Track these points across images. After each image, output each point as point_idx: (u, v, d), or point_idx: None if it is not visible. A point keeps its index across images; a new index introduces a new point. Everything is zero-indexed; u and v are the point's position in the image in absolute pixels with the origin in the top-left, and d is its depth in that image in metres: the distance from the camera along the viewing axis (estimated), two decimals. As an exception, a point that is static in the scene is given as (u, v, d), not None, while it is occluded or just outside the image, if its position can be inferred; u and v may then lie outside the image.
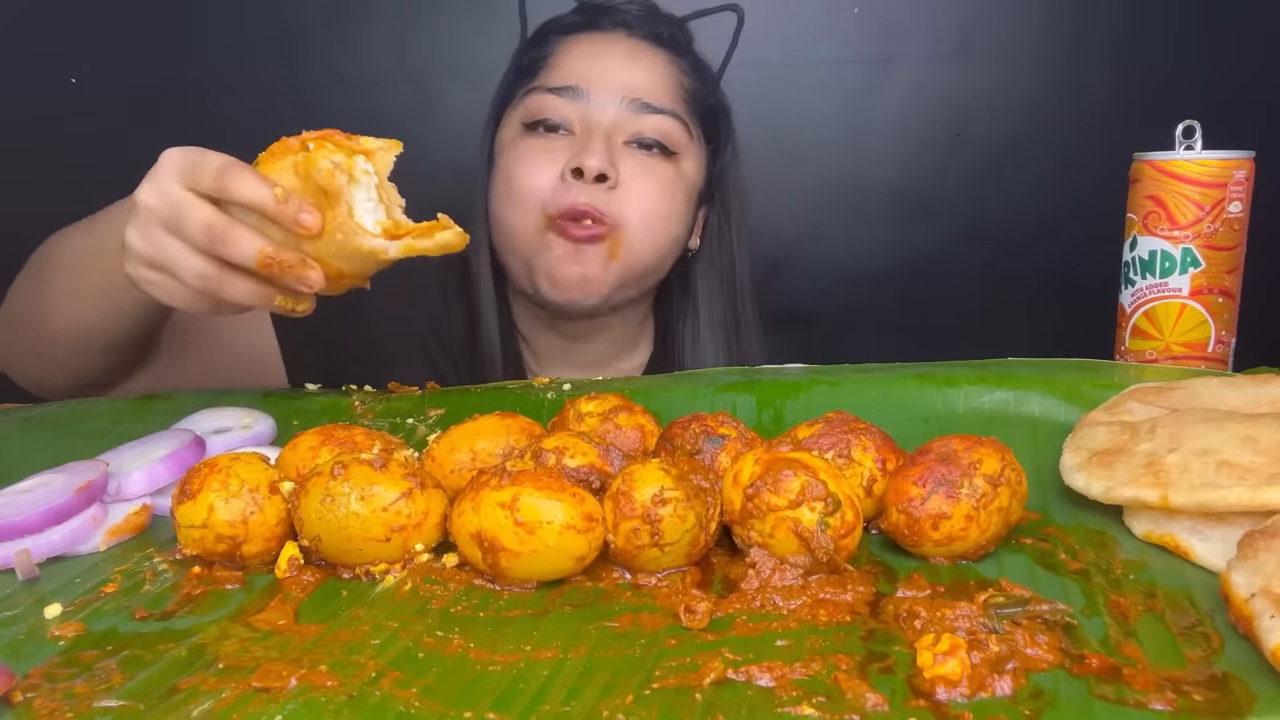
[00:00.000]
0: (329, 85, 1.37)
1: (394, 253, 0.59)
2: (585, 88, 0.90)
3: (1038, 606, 0.42)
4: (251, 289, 0.60)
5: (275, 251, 0.58)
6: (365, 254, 0.58)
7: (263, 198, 0.58)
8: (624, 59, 0.93)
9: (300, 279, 0.59)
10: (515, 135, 0.93)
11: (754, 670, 0.39)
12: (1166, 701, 0.36)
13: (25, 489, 0.57)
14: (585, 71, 0.92)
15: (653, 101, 0.91)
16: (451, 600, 0.47)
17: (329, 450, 0.56)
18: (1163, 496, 0.49)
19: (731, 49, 1.02)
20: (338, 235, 0.58)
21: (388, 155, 0.60)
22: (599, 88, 0.90)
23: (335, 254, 0.59)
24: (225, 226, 0.59)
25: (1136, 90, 1.33)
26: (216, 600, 0.48)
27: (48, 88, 1.37)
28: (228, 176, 0.58)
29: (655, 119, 0.91)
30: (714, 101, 0.99)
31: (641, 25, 0.96)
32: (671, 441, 0.55)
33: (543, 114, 0.91)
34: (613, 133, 0.90)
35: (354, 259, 0.59)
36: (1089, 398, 0.64)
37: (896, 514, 0.49)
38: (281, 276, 0.59)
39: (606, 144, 0.89)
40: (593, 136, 0.89)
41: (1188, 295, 0.75)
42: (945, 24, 1.37)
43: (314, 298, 0.62)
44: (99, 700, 0.39)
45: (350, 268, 0.60)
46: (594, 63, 0.93)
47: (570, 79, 0.91)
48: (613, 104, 0.90)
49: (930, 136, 1.40)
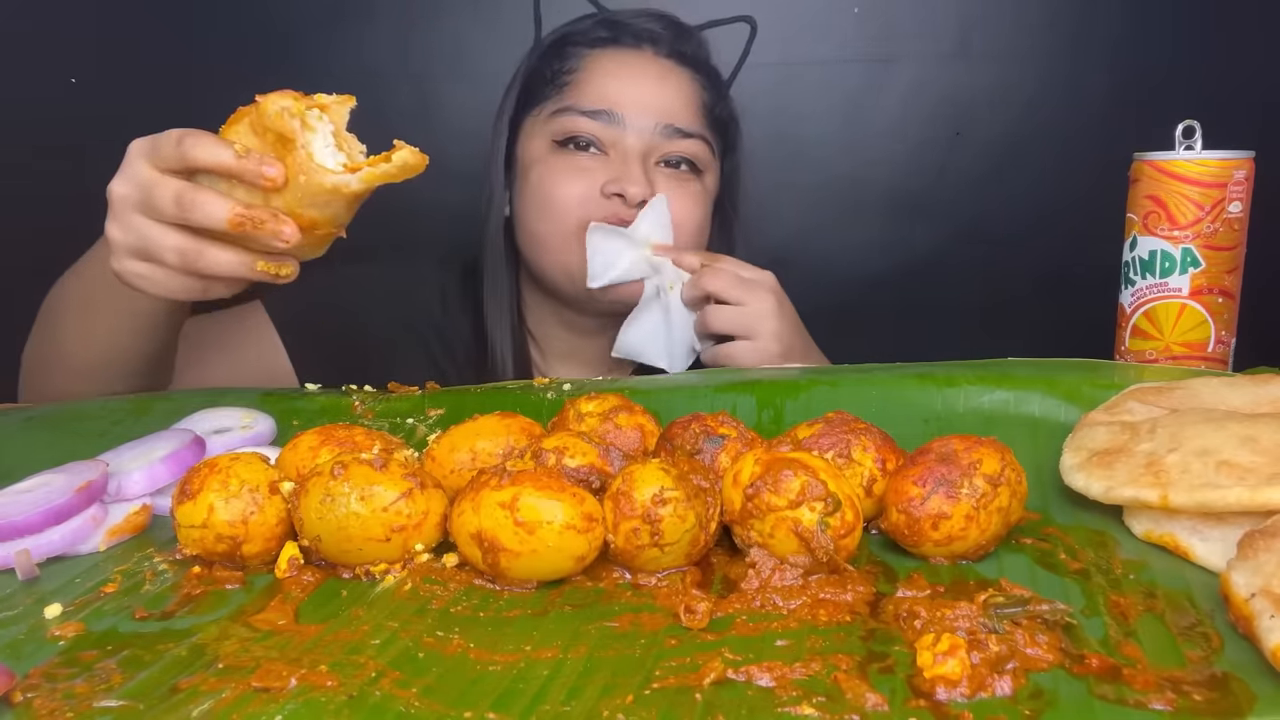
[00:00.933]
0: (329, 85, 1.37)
1: (356, 184, 0.59)
2: (620, 113, 0.93)
3: (1038, 606, 0.42)
4: (230, 257, 0.61)
5: (245, 209, 0.59)
6: (329, 191, 0.59)
7: (223, 157, 0.59)
8: (654, 81, 0.95)
9: (274, 234, 0.59)
10: (546, 151, 0.95)
11: (754, 670, 0.39)
12: (1166, 701, 0.36)
13: (25, 489, 0.57)
14: (618, 95, 0.93)
15: (683, 126, 0.94)
16: (451, 600, 0.47)
17: (329, 450, 0.56)
18: (1163, 496, 0.49)
19: (743, 60, 1.04)
20: (300, 178, 0.59)
21: (342, 108, 0.62)
22: (633, 113, 0.93)
23: (302, 200, 0.60)
24: (193, 194, 0.60)
25: (1136, 90, 1.33)
26: (216, 600, 0.48)
27: (48, 88, 1.37)
28: (186, 144, 0.60)
29: (685, 143, 0.94)
30: (723, 111, 1.01)
31: (667, 43, 0.97)
32: (671, 441, 0.55)
33: (575, 134, 0.93)
34: (646, 155, 0.93)
35: (321, 202, 0.60)
36: (1089, 398, 0.64)
37: (896, 514, 0.49)
38: (256, 234, 0.59)
39: (644, 169, 0.92)
40: (629, 163, 0.92)
41: (1188, 295, 0.75)
42: (945, 24, 1.37)
43: (296, 264, 0.63)
44: (99, 700, 0.39)
45: (321, 214, 0.60)
46: (626, 85, 0.94)
47: (604, 102, 0.93)
48: (647, 129, 0.93)
49: (930, 136, 1.40)
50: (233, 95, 0.67)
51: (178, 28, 1.37)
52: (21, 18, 1.35)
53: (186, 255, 0.61)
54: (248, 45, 1.37)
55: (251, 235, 0.59)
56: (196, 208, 0.60)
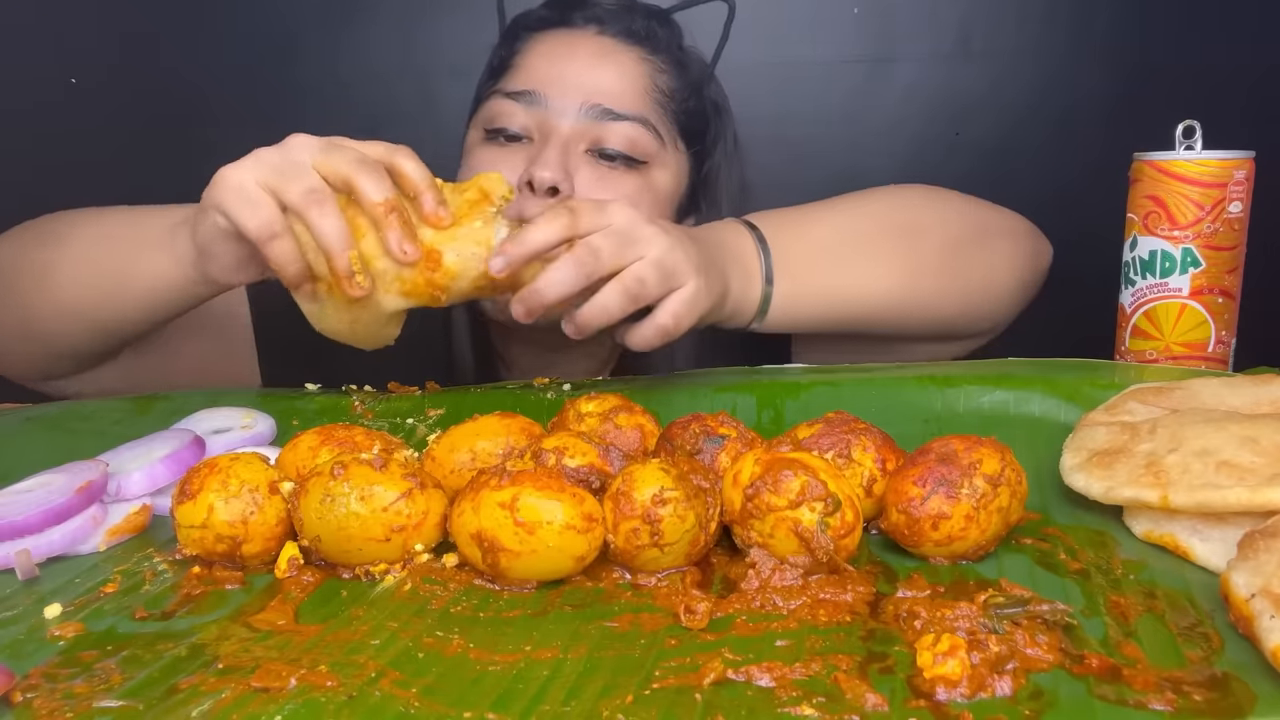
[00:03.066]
0: (329, 85, 1.37)
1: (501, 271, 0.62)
2: (543, 93, 0.84)
3: (1038, 606, 0.42)
4: (338, 227, 0.60)
5: (399, 202, 0.61)
6: (475, 275, 0.63)
7: (422, 177, 0.62)
8: (589, 60, 0.86)
9: (400, 243, 0.60)
10: (476, 142, 0.88)
11: (754, 670, 0.39)
12: (1166, 702, 0.36)
13: (25, 489, 0.57)
14: (545, 74, 0.85)
15: (616, 107, 0.84)
16: (451, 600, 0.47)
17: (329, 450, 0.56)
18: (1163, 497, 0.49)
19: (722, 42, 0.95)
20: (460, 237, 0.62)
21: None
22: (558, 93, 0.84)
23: (448, 243, 0.62)
24: (367, 164, 0.60)
25: (1136, 90, 1.33)
26: (216, 600, 0.48)
27: (48, 88, 1.37)
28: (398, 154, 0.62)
29: (620, 126, 0.84)
30: (698, 102, 0.92)
31: (615, 21, 0.88)
32: (671, 441, 0.55)
33: (500, 122, 0.85)
34: (572, 141, 0.84)
35: (461, 276, 0.63)
36: (1089, 398, 0.64)
37: (896, 514, 0.49)
38: (391, 228, 0.60)
39: (562, 154, 0.82)
40: (548, 146, 0.82)
41: (1188, 295, 0.75)
42: (945, 24, 1.37)
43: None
44: (99, 700, 0.39)
45: (451, 283, 0.63)
46: (555, 64, 0.86)
47: (529, 83, 0.85)
48: (572, 111, 0.84)
49: (930, 136, 1.40)
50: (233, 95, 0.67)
51: (178, 28, 1.37)
52: (21, 18, 1.35)
53: (311, 197, 0.60)
54: (248, 45, 1.37)
55: (387, 227, 0.60)
56: (365, 173, 0.60)
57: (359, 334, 0.65)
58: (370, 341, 0.66)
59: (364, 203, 0.60)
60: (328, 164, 0.61)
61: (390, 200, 0.60)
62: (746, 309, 0.75)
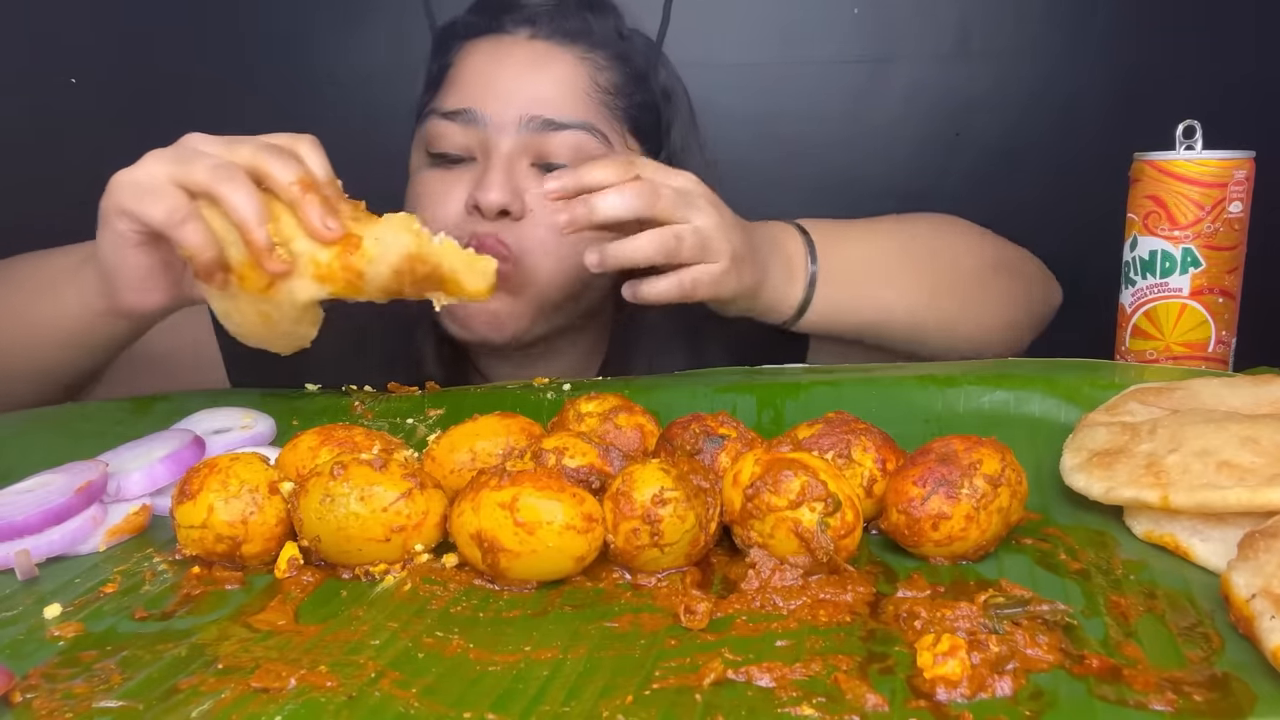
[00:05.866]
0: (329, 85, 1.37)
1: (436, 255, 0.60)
2: (480, 110, 0.80)
3: (1038, 607, 0.42)
4: (253, 198, 0.57)
5: (314, 179, 0.59)
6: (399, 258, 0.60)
7: (323, 172, 0.60)
8: (521, 69, 0.81)
9: (324, 214, 0.58)
10: (420, 166, 0.84)
11: (754, 670, 0.39)
12: (1167, 702, 0.36)
13: (25, 489, 0.57)
14: (479, 89, 0.81)
15: (557, 117, 0.80)
16: (451, 600, 0.47)
17: (329, 450, 0.56)
18: (1163, 497, 0.49)
19: (664, 21, 0.88)
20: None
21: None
22: (495, 109, 0.79)
23: (368, 227, 0.59)
24: (273, 148, 0.59)
25: (1136, 90, 1.33)
26: (216, 600, 0.48)
27: (48, 88, 1.36)
28: (301, 144, 0.61)
29: (562, 136, 0.80)
30: (645, 94, 0.87)
31: (548, 22, 0.83)
32: (671, 441, 0.55)
33: (440, 145, 0.82)
34: (515, 157, 0.80)
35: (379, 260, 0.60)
36: (1089, 398, 0.64)
37: (896, 514, 0.49)
38: (310, 204, 0.58)
39: (507, 173, 0.79)
40: (491, 168, 0.79)
41: (1188, 295, 0.75)
42: (945, 24, 1.37)
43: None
44: (99, 700, 0.39)
45: (368, 269, 0.60)
46: (488, 78, 0.81)
47: (464, 100, 0.81)
48: (510, 126, 0.79)
49: (930, 136, 1.40)
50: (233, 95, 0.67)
51: (178, 28, 1.37)
52: (21, 18, 1.35)
53: (219, 172, 0.57)
54: (247, 44, 1.37)
55: (306, 205, 0.58)
56: (274, 155, 0.58)
57: (274, 331, 0.62)
58: (285, 340, 0.63)
59: (277, 184, 0.58)
60: (230, 153, 0.59)
61: (302, 177, 0.58)
62: (784, 306, 0.78)
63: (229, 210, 0.57)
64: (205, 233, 0.58)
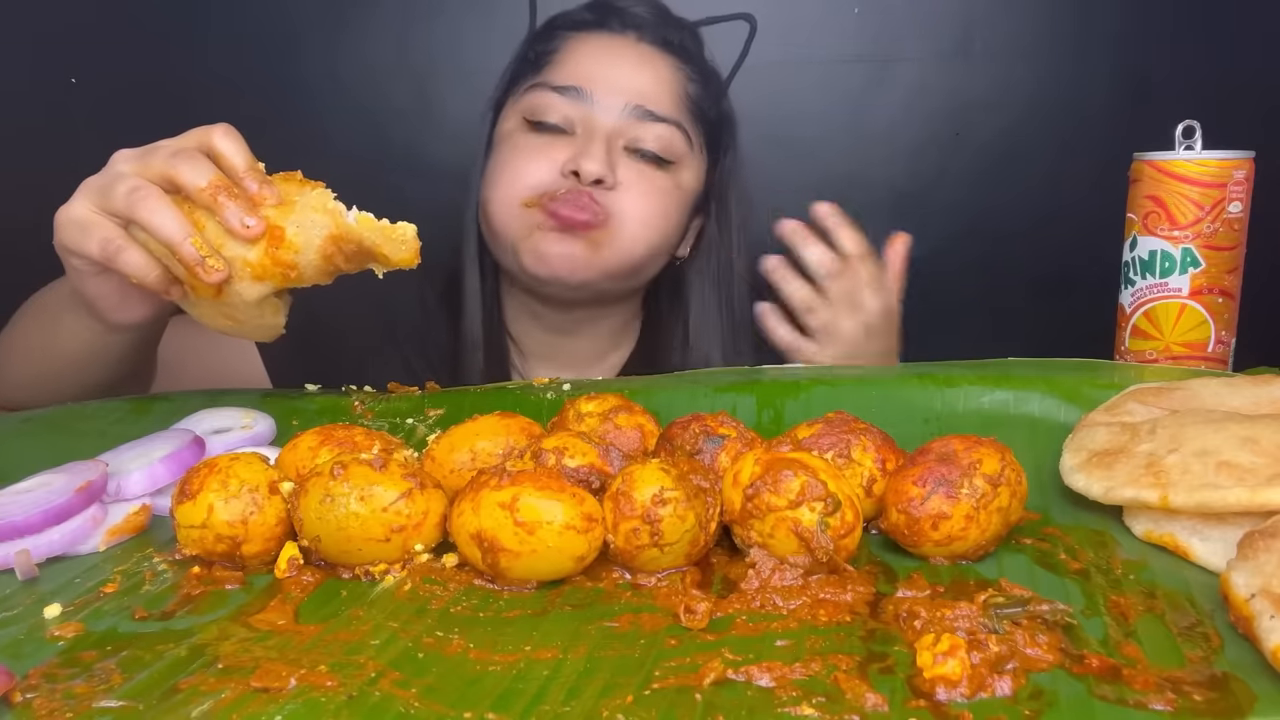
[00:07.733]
0: (329, 84, 1.37)
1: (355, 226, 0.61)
2: (589, 90, 0.90)
3: (1038, 606, 0.42)
4: (171, 216, 0.58)
5: (224, 180, 0.59)
6: (334, 233, 0.60)
7: (242, 160, 0.60)
8: (631, 63, 0.93)
9: (241, 219, 0.58)
10: (516, 128, 0.93)
11: (754, 670, 0.39)
12: (1166, 702, 0.36)
13: (25, 489, 0.57)
14: (590, 73, 0.91)
15: (656, 110, 0.91)
16: (451, 600, 0.47)
17: (329, 450, 0.56)
18: (1163, 497, 0.49)
19: (742, 58, 1.02)
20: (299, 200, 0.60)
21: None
22: (603, 91, 0.90)
23: (287, 216, 0.60)
24: (182, 154, 0.60)
25: (1136, 90, 1.33)
26: (216, 600, 0.48)
27: (48, 88, 1.36)
28: (174, 160, 0.60)
29: (657, 127, 0.91)
30: (718, 111, 0.98)
31: (652, 30, 0.95)
32: (671, 441, 0.55)
33: (545, 114, 0.91)
34: (613, 137, 0.90)
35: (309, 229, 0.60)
36: (1089, 398, 0.64)
37: (896, 514, 0.49)
38: (224, 207, 0.58)
39: (606, 149, 0.89)
40: (593, 140, 0.89)
41: (1188, 295, 0.75)
42: (945, 24, 1.37)
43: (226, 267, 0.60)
44: (99, 700, 0.39)
45: (300, 239, 0.61)
46: (600, 65, 0.92)
47: (575, 79, 0.91)
48: (615, 109, 0.90)
49: (930, 136, 1.40)
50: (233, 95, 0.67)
51: (178, 28, 1.37)
52: (21, 18, 1.35)
53: (136, 192, 0.59)
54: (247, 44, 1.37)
55: (220, 206, 0.58)
56: (188, 158, 0.59)
57: (243, 327, 0.63)
58: (259, 332, 0.64)
59: (190, 193, 0.59)
60: (145, 169, 0.61)
61: (214, 181, 0.59)
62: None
63: (152, 233, 0.59)
64: (142, 257, 0.60)
